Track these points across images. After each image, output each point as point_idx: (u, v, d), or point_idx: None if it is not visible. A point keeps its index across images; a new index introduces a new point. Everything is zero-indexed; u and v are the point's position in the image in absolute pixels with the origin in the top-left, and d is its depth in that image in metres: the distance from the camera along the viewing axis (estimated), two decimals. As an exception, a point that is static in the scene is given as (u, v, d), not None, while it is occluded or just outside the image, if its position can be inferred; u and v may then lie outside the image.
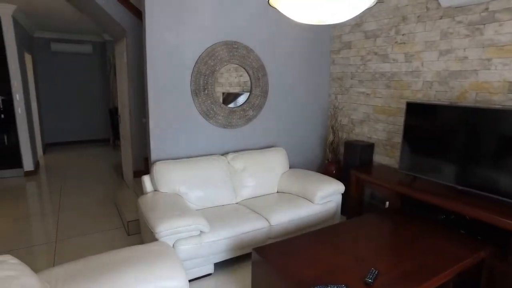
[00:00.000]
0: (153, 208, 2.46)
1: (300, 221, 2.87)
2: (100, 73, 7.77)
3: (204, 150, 3.28)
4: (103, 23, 4.44)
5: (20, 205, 4.09)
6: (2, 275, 1.31)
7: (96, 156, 6.75)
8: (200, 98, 3.15)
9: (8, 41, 4.85)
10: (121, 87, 4.37)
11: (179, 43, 3.00)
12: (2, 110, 5.04)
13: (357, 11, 1.44)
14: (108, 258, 1.80)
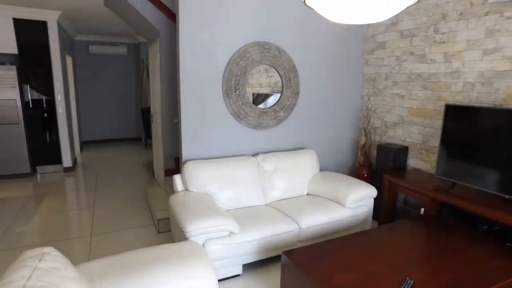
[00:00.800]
0: (184, 207, 2.49)
1: (330, 225, 2.80)
2: (134, 74, 8.02)
3: (234, 150, 3.29)
4: (138, 25, 4.57)
5: (59, 199, 4.30)
6: (46, 266, 1.36)
7: (129, 154, 6.97)
8: (231, 99, 3.17)
9: (53, 44, 5.13)
10: (154, 88, 4.48)
11: (211, 44, 3.03)
12: (45, 110, 5.32)
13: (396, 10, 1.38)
14: (140, 255, 1.84)
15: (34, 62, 5.12)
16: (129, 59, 7.90)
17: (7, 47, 4.91)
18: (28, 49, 5.04)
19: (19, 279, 1.23)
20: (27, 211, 3.87)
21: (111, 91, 7.88)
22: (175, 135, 4.06)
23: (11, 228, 3.42)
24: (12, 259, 2.84)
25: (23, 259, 1.38)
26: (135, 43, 7.80)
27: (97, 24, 6.05)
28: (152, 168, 5.58)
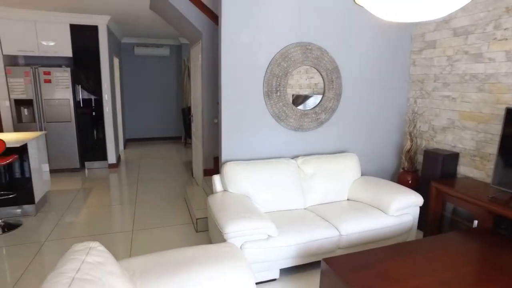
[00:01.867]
0: (223, 208, 2.49)
1: (372, 233, 2.68)
2: (175, 74, 8.26)
3: (274, 152, 3.26)
4: (181, 27, 4.68)
5: (104, 194, 4.51)
6: (92, 261, 1.41)
7: (169, 152, 7.18)
8: (272, 100, 3.14)
9: (102, 47, 5.41)
10: (195, 88, 4.57)
11: (253, 44, 3.02)
12: (93, 109, 5.62)
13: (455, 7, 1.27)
14: (180, 254, 1.86)
15: (85, 64, 5.43)
16: (171, 60, 8.15)
17: (64, 51, 5.25)
18: (81, 52, 5.36)
19: (69, 271, 1.28)
20: (76, 204, 4.10)
21: (154, 91, 8.17)
22: (215, 135, 4.11)
23: (63, 219, 3.64)
24: (62, 247, 3.02)
25: (72, 252, 1.44)
26: (177, 44, 8.03)
27: (142, 27, 6.30)
28: (191, 167, 5.70)
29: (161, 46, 7.85)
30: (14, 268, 2.71)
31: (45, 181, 4.11)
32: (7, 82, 5.06)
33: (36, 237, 3.24)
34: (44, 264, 2.78)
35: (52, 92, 5.25)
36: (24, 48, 5.12)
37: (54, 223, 3.54)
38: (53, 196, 4.33)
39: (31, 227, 3.46)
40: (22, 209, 3.73)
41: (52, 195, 4.36)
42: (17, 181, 3.69)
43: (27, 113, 5.25)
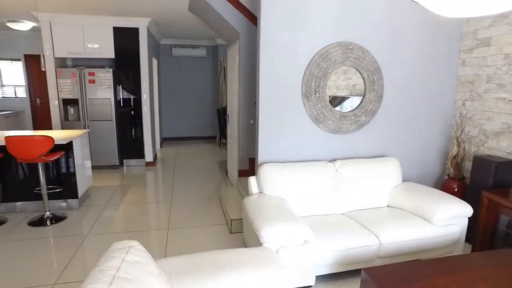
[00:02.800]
0: (259, 211, 2.45)
1: (414, 243, 2.53)
2: (211, 75, 8.37)
3: (311, 155, 3.18)
4: (219, 28, 4.71)
5: (141, 191, 4.64)
6: (131, 260, 1.42)
7: (203, 152, 7.28)
8: (311, 102, 3.06)
9: (142, 49, 5.59)
10: (232, 89, 4.57)
11: (292, 44, 2.96)
12: (132, 108, 5.81)
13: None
14: (216, 257, 1.84)
15: (126, 65, 5.63)
16: (208, 61, 8.26)
17: (107, 53, 5.48)
18: (122, 53, 5.56)
19: (110, 269, 1.29)
20: (115, 200, 4.24)
21: (190, 91, 8.33)
22: (250, 136, 4.09)
23: (103, 214, 3.78)
24: (102, 242, 3.12)
25: (113, 250, 1.45)
26: (214, 45, 8.12)
27: (180, 28, 6.43)
28: (225, 167, 5.73)
29: (198, 47, 7.98)
30: (60, 258, 2.84)
31: (88, 176, 4.29)
32: (57, 83, 5.36)
33: (79, 230, 3.38)
34: (86, 257, 2.88)
35: (96, 92, 5.49)
36: (72, 51, 5.40)
37: (95, 217, 3.68)
38: (94, 192, 4.51)
39: (74, 220, 3.62)
40: (67, 203, 3.92)
41: (93, 191, 4.54)
42: (62, 176, 3.87)
43: (73, 112, 5.52)
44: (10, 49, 7.01)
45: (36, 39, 6.65)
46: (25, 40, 6.92)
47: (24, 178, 3.79)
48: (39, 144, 3.22)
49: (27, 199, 3.80)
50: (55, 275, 2.58)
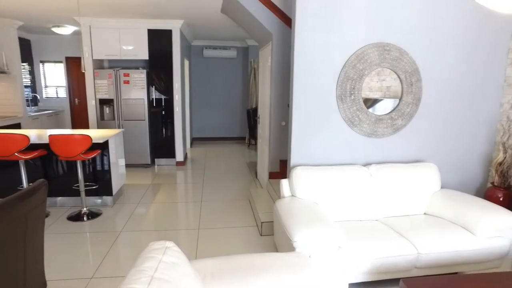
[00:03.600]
0: (291, 214, 2.42)
1: (455, 254, 2.39)
2: (242, 76, 8.40)
3: (344, 159, 3.10)
4: (251, 29, 4.72)
5: (171, 190, 4.72)
6: (168, 261, 1.43)
7: (232, 153, 7.32)
8: (346, 104, 2.98)
9: (175, 50, 5.70)
10: (263, 90, 4.56)
11: (328, 46, 2.90)
12: (163, 108, 5.94)
13: None
14: (250, 261, 1.82)
15: (159, 66, 5.77)
16: (238, 62, 8.31)
17: (141, 54, 5.65)
18: (156, 55, 5.69)
19: (148, 269, 1.30)
20: (147, 198, 4.34)
21: (220, 92, 8.40)
22: (282, 138, 4.05)
23: (135, 212, 3.87)
24: (135, 239, 3.19)
25: (150, 250, 1.47)
26: (244, 46, 8.15)
27: (211, 30, 6.50)
28: (254, 168, 5.72)
29: (228, 48, 8.04)
30: (96, 253, 2.93)
31: (121, 175, 4.42)
32: (95, 83, 5.58)
33: (113, 226, 3.49)
34: (120, 254, 2.96)
35: (130, 92, 5.66)
36: (109, 53, 5.60)
37: (128, 215, 3.78)
38: (127, 189, 4.64)
39: (109, 217, 3.74)
40: (102, 199, 4.06)
41: (126, 188, 4.67)
42: (98, 173, 4.02)
43: (108, 111, 5.72)
44: (53, 52, 7.38)
45: (77, 42, 6.96)
46: (66, 44, 7.27)
47: (63, 174, 3.96)
48: (79, 143, 3.35)
49: (66, 195, 3.96)
50: (92, 269, 2.67)
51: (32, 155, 3.46)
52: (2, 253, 1.45)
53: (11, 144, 3.28)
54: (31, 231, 1.66)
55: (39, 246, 1.80)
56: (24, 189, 1.59)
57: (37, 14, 5.18)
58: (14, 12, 5.10)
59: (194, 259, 2.49)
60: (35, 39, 7.23)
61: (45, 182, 1.75)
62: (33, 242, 1.70)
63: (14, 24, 5.72)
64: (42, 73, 7.54)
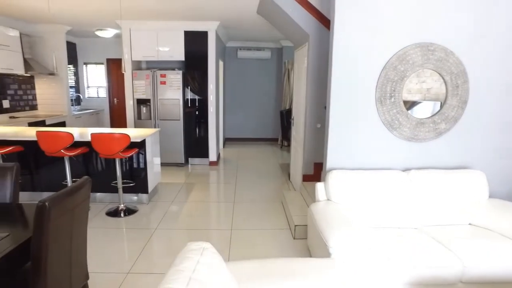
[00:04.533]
0: (327, 219, 2.36)
1: (507, 271, 2.22)
2: (275, 77, 8.38)
3: (383, 163, 2.99)
4: (287, 30, 4.68)
5: (205, 190, 4.79)
6: (205, 262, 1.43)
7: (265, 154, 7.31)
8: (385, 107, 2.88)
9: (210, 51, 5.79)
10: (298, 92, 4.51)
11: (367, 47, 2.81)
12: (197, 108, 6.04)
13: None
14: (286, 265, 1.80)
15: (194, 67, 5.87)
16: (272, 63, 8.29)
17: (177, 55, 5.78)
18: (191, 56, 5.80)
19: (186, 270, 1.31)
20: (181, 197, 4.43)
21: (253, 93, 8.43)
22: (316, 140, 3.98)
23: (170, 210, 3.96)
24: (169, 237, 3.26)
25: (188, 250, 1.48)
26: (279, 47, 8.13)
27: (246, 31, 6.53)
28: (287, 170, 5.68)
29: (262, 49, 8.04)
30: (132, 249, 3.02)
31: (157, 173, 4.54)
32: (133, 84, 5.78)
33: (148, 224, 3.58)
34: (155, 251, 3.03)
35: (166, 92, 5.81)
36: (147, 54, 5.79)
37: (162, 213, 3.86)
38: (162, 188, 4.75)
39: (144, 214, 3.85)
40: (138, 197, 4.18)
41: (161, 187, 4.78)
42: (135, 171, 4.15)
43: (145, 111, 5.90)
44: (96, 54, 7.75)
45: (117, 44, 7.24)
46: (107, 46, 7.59)
47: (102, 171, 4.13)
48: (118, 141, 3.48)
49: (105, 191, 4.12)
50: (128, 264, 2.75)
51: (75, 152, 3.63)
52: (55, 245, 1.52)
53: (58, 141, 3.46)
54: (77, 225, 1.73)
55: (83, 239, 1.87)
56: (71, 185, 1.66)
57: (84, 19, 5.45)
58: (65, 18, 5.40)
59: (227, 260, 2.50)
60: (80, 42, 7.62)
61: (89, 179, 1.82)
62: (78, 236, 1.77)
63: (63, 29, 6.07)
64: (85, 74, 7.93)
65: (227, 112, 8.39)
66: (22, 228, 1.79)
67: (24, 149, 3.83)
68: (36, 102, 6.35)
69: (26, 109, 6.07)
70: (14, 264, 1.53)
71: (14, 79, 5.75)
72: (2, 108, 5.50)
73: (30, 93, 6.20)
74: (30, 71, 5.66)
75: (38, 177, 4.17)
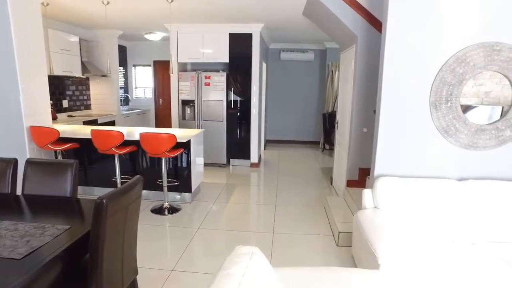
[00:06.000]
0: (376, 228, 2.26)
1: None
2: (318, 79, 8.24)
3: (434, 171, 2.81)
4: (333, 31, 4.58)
5: (246, 191, 4.81)
6: (255, 267, 1.42)
7: (306, 157, 7.20)
8: (440, 112, 2.70)
9: (254, 53, 5.81)
10: (344, 94, 4.39)
11: (422, 48, 2.66)
12: (239, 110, 6.08)
13: None
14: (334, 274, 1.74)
15: (238, 69, 5.93)
16: (315, 65, 8.16)
17: (222, 57, 5.88)
18: (235, 58, 5.87)
19: (236, 274, 1.30)
20: (222, 197, 4.48)
21: (295, 95, 8.34)
22: (362, 145, 3.84)
23: (212, 210, 4.02)
24: (211, 237, 3.30)
25: (237, 254, 1.47)
26: (322, 49, 7.99)
27: (290, 32, 6.49)
28: (329, 174, 5.55)
29: (306, 51, 7.95)
30: (175, 247, 3.10)
31: (199, 173, 4.63)
32: (178, 85, 5.96)
33: (191, 223, 3.66)
34: (198, 250, 3.09)
35: (210, 94, 5.92)
36: (192, 56, 5.94)
37: (204, 213, 3.93)
38: (204, 187, 4.84)
39: (187, 212, 3.94)
40: (181, 195, 4.29)
41: (203, 186, 4.87)
42: (179, 171, 4.26)
43: (189, 111, 6.06)
44: (144, 57, 8.11)
45: (163, 47, 7.53)
46: (154, 49, 7.92)
47: (148, 170, 4.29)
48: (165, 141, 3.58)
49: (150, 189, 4.27)
50: (172, 262, 2.81)
51: (125, 150, 3.80)
52: (110, 240, 1.58)
53: (110, 140, 3.64)
54: (129, 222, 1.80)
55: (134, 236, 1.94)
56: (125, 184, 1.72)
57: (136, 23, 5.72)
58: (118, 23, 5.71)
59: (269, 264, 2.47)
60: (130, 45, 8.02)
61: (141, 179, 1.88)
62: (130, 232, 1.84)
63: (116, 33, 6.43)
64: (134, 75, 8.33)
65: (268, 114, 8.38)
66: (80, 221, 1.89)
67: (79, 146, 4.08)
68: (90, 102, 6.76)
69: (81, 108, 6.49)
70: (74, 256, 1.62)
71: (72, 80, 6.17)
72: (62, 107, 5.92)
73: (85, 94, 6.62)
74: (86, 73, 6.05)
75: (90, 173, 4.43)
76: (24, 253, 1.43)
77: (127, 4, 4.44)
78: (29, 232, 1.63)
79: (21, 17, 3.45)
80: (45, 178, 2.24)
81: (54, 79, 5.51)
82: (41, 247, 1.48)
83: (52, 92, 5.43)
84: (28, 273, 1.30)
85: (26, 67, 3.54)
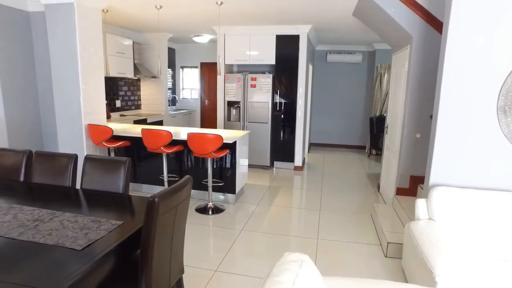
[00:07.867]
0: (432, 242, 2.10)
1: None
2: (366, 82, 7.94)
3: (499, 183, 2.56)
4: (385, 31, 4.39)
5: (289, 195, 4.74)
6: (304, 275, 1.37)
7: (351, 162, 6.97)
8: (509, 118, 2.46)
9: (301, 55, 5.74)
10: (395, 98, 4.17)
11: (489, 49, 2.44)
12: (284, 112, 6.03)
13: None
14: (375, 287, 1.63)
15: (284, 71, 5.89)
16: (362, 67, 7.89)
17: (268, 59, 5.87)
18: (282, 60, 5.83)
19: (287, 282, 1.26)
20: (266, 200, 4.45)
21: (341, 98, 8.11)
22: (415, 151, 3.61)
23: (255, 212, 4.01)
24: (254, 239, 3.29)
25: (286, 261, 1.43)
26: (371, 50, 7.70)
27: (338, 34, 6.32)
28: (376, 181, 5.32)
29: (353, 53, 7.71)
30: (219, 248, 3.12)
31: (244, 174, 4.64)
32: (224, 86, 6.06)
33: (234, 224, 3.67)
34: (241, 252, 3.08)
35: (255, 95, 5.94)
36: (239, 58, 6.01)
37: (248, 214, 3.93)
38: (247, 189, 4.85)
39: (230, 213, 3.96)
40: (225, 196, 4.33)
41: (246, 188, 4.88)
42: (224, 171, 4.30)
43: (235, 113, 6.12)
44: (191, 59, 8.36)
45: (210, 49, 7.69)
46: (202, 51, 8.13)
47: (193, 169, 4.39)
48: (212, 142, 3.64)
49: (195, 188, 4.35)
50: (216, 262, 2.84)
51: (173, 149, 3.91)
52: (160, 237, 1.62)
53: (159, 139, 3.77)
54: (178, 221, 1.83)
55: (182, 235, 1.97)
56: (175, 184, 1.75)
57: (185, 26, 5.90)
58: (168, 26, 5.93)
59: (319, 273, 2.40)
60: (179, 48, 8.30)
61: (191, 179, 1.90)
62: (178, 231, 1.87)
63: (166, 36, 6.68)
64: (181, 77, 8.61)
65: (313, 116, 8.23)
66: (131, 218, 1.96)
67: (130, 144, 4.27)
68: (140, 102, 7.09)
69: (132, 108, 6.82)
70: (126, 251, 1.68)
71: (125, 81, 6.51)
72: (115, 107, 6.27)
73: (136, 94, 6.96)
74: (138, 75, 6.35)
75: (139, 170, 4.62)
76: (83, 245, 1.50)
77: (178, 8, 4.58)
78: (87, 225, 1.71)
79: (85, 23, 3.70)
80: (101, 174, 2.36)
81: (108, 80, 5.84)
82: (97, 240, 1.55)
83: (107, 93, 5.75)
84: (86, 264, 1.36)
85: (86, 69, 3.78)
